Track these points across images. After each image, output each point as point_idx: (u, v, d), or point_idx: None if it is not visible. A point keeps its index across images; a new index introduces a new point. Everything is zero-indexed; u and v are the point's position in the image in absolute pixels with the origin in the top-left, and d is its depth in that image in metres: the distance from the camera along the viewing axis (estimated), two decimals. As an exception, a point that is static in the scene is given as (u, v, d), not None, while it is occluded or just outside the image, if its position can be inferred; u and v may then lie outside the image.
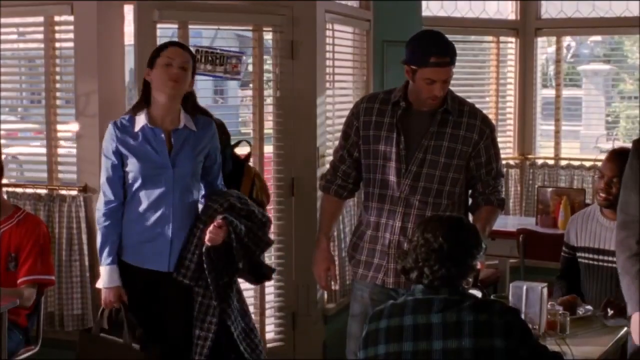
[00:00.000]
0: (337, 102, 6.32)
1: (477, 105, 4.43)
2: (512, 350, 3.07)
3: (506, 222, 7.08)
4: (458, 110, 4.18)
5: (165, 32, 5.66)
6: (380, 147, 4.15)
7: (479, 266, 3.35)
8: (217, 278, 4.17)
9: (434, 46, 4.04)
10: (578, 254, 4.73)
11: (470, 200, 4.34)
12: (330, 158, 4.73)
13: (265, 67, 6.07)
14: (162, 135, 4.17)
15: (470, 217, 4.25)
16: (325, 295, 6.13)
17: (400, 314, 3.16)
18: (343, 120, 4.46)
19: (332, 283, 4.51)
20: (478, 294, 3.54)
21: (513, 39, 8.54)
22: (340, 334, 5.11)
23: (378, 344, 3.17)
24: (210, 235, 4.08)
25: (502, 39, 8.55)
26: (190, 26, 5.65)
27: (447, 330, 3.07)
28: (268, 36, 6.04)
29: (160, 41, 5.46)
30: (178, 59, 4.15)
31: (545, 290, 3.98)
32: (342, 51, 6.47)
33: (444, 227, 3.22)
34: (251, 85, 5.98)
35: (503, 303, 3.37)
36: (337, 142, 4.53)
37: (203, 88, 7.91)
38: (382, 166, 4.15)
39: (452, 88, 4.23)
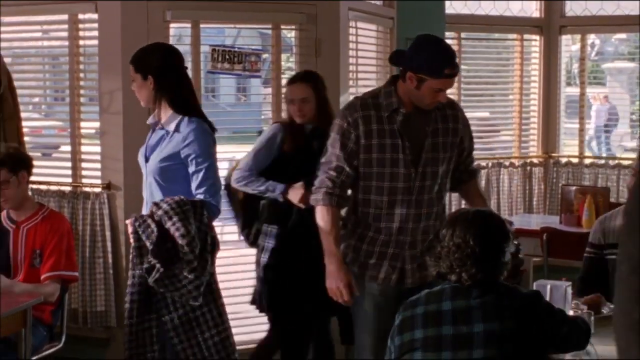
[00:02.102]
0: (360, 99, 6.30)
1: (501, 104, 4.45)
2: (554, 329, 3.17)
3: (530, 221, 7.05)
4: (440, 103, 4.19)
5: (177, 31, 5.72)
6: (386, 154, 4.10)
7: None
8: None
9: (447, 57, 4.05)
10: (607, 251, 4.70)
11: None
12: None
13: (288, 64, 6.08)
14: (153, 130, 4.47)
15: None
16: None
17: (438, 300, 3.19)
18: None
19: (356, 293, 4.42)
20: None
21: (537, 37, 8.50)
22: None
23: (415, 329, 3.18)
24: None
25: (526, 36, 8.51)
26: (203, 25, 5.68)
27: (488, 313, 3.11)
28: (291, 34, 6.05)
29: (171, 40, 5.52)
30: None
31: (569, 289, 3.97)
32: (365, 49, 6.46)
33: (473, 228, 3.22)
34: (272, 83, 5.99)
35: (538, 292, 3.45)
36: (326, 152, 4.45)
37: (226, 86, 7.91)
38: (389, 173, 4.11)
39: (476, 86, 4.22)
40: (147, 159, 4.39)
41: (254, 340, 5.46)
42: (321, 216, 4.17)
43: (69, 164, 5.95)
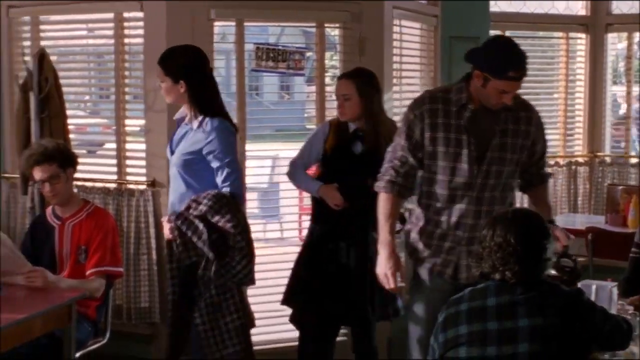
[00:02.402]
0: (403, 98, 6.29)
1: (546, 102, 4.43)
2: (597, 326, 3.18)
3: (575, 220, 6.99)
4: (514, 103, 4.17)
5: (222, 29, 5.74)
6: (450, 149, 4.13)
7: (562, 242, 3.69)
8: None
9: (514, 60, 4.00)
10: None
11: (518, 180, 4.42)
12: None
13: (332, 63, 6.08)
14: (178, 125, 4.72)
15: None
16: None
17: (482, 297, 3.21)
18: (410, 117, 4.43)
19: (400, 284, 4.48)
20: (569, 263, 3.74)
21: (583, 35, 8.42)
22: (406, 333, 5.08)
23: (459, 325, 3.19)
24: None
25: (571, 34, 8.43)
26: (246, 23, 5.70)
27: (532, 309, 3.12)
28: (334, 32, 6.05)
29: (215, 39, 5.55)
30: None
31: (615, 290, 3.94)
32: (409, 47, 6.44)
33: (513, 227, 3.24)
34: (315, 81, 5.99)
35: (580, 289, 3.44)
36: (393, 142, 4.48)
37: (269, 84, 7.94)
38: (451, 167, 4.14)
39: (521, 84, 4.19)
40: (172, 152, 4.65)
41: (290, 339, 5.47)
42: (381, 204, 4.27)
43: (114, 162, 5.99)
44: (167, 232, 4.48)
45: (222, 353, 4.48)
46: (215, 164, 4.51)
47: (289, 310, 5.17)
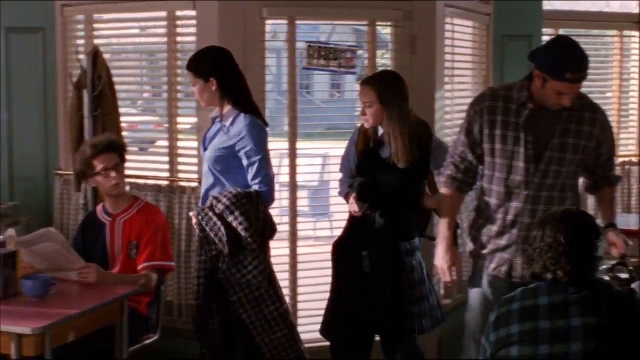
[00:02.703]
0: (456, 97, 6.27)
1: (599, 102, 4.39)
2: None
3: (628, 221, 6.90)
4: (579, 104, 4.13)
5: (274, 27, 5.75)
6: (507, 146, 4.14)
7: (619, 249, 3.77)
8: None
9: (572, 61, 3.98)
10: None
11: (584, 181, 4.42)
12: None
13: (383, 61, 6.06)
14: (213, 123, 4.86)
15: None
16: (442, 292, 6.09)
17: (534, 297, 3.19)
18: (462, 115, 4.43)
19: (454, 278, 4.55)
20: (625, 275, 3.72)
21: (637, 33, 8.31)
22: (456, 331, 5.05)
23: (511, 324, 3.18)
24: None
25: (625, 33, 8.33)
26: (298, 22, 5.70)
27: (586, 308, 3.10)
28: (386, 31, 6.03)
29: (266, 37, 5.56)
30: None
31: (670, 291, 3.88)
32: (461, 46, 6.41)
33: (563, 226, 3.23)
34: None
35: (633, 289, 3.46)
36: (455, 137, 4.51)
37: (320, 82, 7.94)
38: (508, 165, 4.15)
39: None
40: (205, 149, 4.80)
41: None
42: (442, 198, 4.45)
43: (166, 159, 6.03)
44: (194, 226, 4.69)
45: (271, 337, 4.71)
46: (246, 161, 4.64)
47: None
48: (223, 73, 4.70)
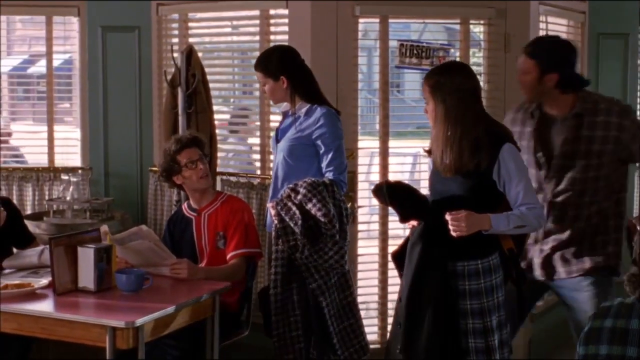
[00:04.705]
0: (548, 96, 6.17)
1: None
2: None
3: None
4: (591, 109, 4.08)
5: (366, 26, 5.75)
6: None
7: None
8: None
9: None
10: None
11: None
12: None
13: (474, 59, 6.01)
14: (284, 117, 5.06)
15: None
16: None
17: (627, 316, 3.07)
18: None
19: None
20: None
21: None
22: (546, 333, 5.02)
23: (600, 343, 3.08)
24: None
25: None
26: (390, 20, 5.69)
27: None
28: (478, 29, 5.98)
29: (360, 35, 5.56)
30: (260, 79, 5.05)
31: None
32: (555, 44, 6.30)
33: None
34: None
35: None
36: None
37: (411, 81, 7.90)
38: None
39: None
40: (278, 141, 4.99)
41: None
42: None
43: (257, 157, 6.08)
44: (271, 217, 4.74)
45: (341, 326, 4.80)
46: (321, 149, 4.84)
47: None
48: (292, 70, 4.92)
